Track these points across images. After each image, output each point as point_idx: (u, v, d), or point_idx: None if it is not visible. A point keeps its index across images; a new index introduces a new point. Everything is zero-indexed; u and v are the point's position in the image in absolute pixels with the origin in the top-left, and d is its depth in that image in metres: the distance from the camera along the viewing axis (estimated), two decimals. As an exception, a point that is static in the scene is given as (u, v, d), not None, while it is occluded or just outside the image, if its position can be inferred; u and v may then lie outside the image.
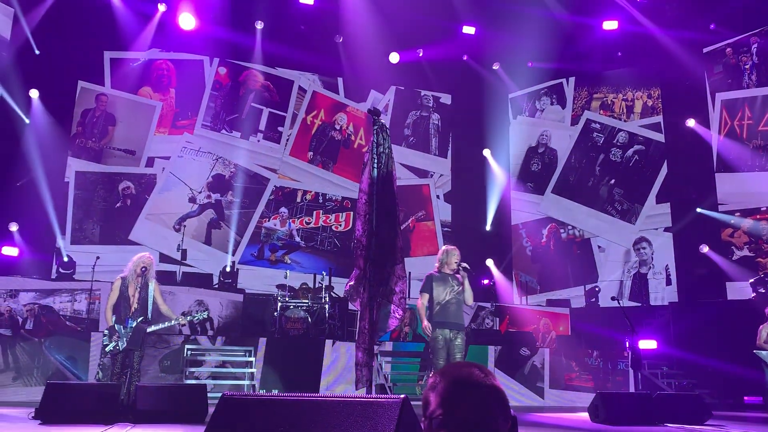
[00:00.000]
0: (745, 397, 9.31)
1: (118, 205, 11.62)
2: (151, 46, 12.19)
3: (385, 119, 13.44)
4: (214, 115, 12.42)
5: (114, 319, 6.54)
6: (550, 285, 12.43)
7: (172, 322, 6.72)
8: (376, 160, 3.73)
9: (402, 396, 2.48)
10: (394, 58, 12.72)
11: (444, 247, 6.78)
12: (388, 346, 10.70)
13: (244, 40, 12.23)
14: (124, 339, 6.47)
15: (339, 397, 2.57)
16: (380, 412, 2.41)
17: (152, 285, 6.69)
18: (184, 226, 11.41)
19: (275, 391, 8.87)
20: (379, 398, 2.50)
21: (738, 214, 10.91)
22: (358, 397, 2.56)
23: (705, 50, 11.67)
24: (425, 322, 6.45)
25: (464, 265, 6.38)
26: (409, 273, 12.42)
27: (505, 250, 13.09)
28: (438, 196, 13.59)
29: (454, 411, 1.35)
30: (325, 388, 9.21)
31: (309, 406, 2.53)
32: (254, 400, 2.65)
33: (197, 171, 12.12)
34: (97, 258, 9.62)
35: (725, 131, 11.31)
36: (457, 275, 6.47)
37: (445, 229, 13.42)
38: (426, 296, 6.53)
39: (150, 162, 11.95)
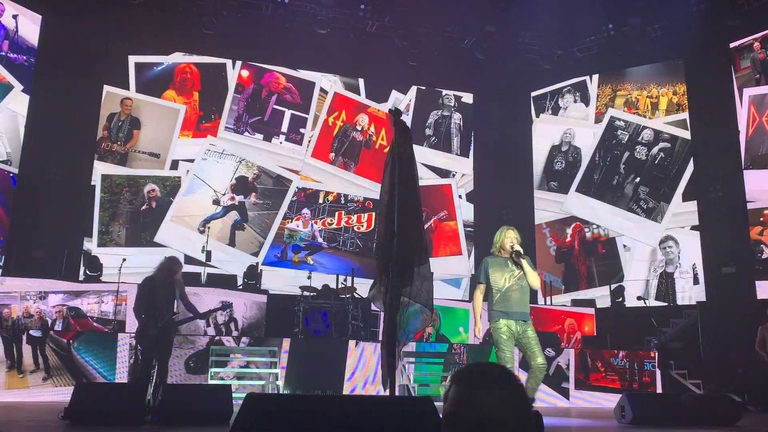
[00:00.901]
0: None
1: (143, 207, 11.78)
2: (174, 49, 12.36)
3: (407, 119, 13.44)
4: (237, 118, 12.54)
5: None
6: (575, 285, 12.31)
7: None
8: (398, 161, 3.72)
9: (425, 396, 2.48)
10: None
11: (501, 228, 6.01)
12: (411, 347, 10.69)
13: (266, 42, 12.32)
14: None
15: (362, 397, 2.57)
16: (403, 412, 2.41)
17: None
18: (209, 227, 11.53)
19: (299, 392, 8.91)
20: (402, 398, 2.50)
21: (767, 211, 10.70)
22: (382, 398, 2.56)
23: (732, 45, 11.46)
24: (478, 324, 5.84)
25: (516, 248, 5.73)
26: (432, 274, 12.48)
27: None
28: (460, 196, 13.55)
29: (460, 410, 1.37)
30: (349, 389, 9.23)
31: (333, 405, 2.54)
32: (279, 399, 2.66)
33: (221, 173, 12.24)
34: (124, 260, 9.75)
35: (754, 127, 11.10)
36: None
37: (468, 229, 13.37)
38: (482, 287, 5.84)
39: (174, 165, 12.10)
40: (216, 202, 12.07)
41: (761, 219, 10.76)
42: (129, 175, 11.86)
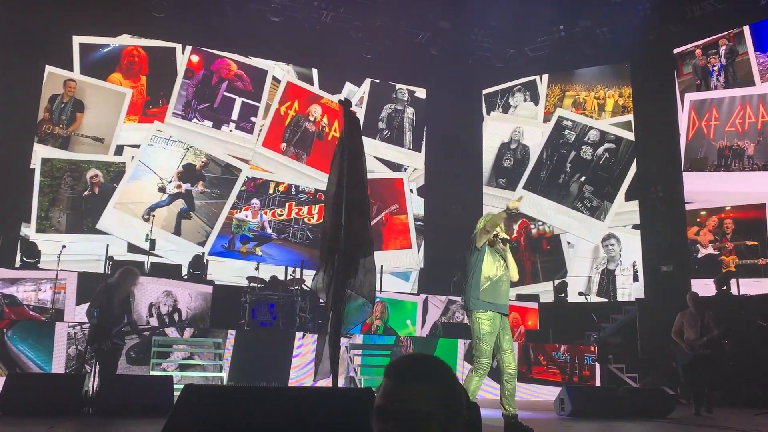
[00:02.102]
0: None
1: (85, 193, 11.41)
2: (122, 31, 11.98)
3: (360, 112, 13.41)
4: (186, 104, 12.26)
5: None
6: (520, 280, 12.50)
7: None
8: (346, 153, 3.71)
9: (366, 388, 2.48)
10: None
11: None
12: (358, 339, 10.71)
13: (217, 27, 12.06)
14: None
15: (302, 389, 2.56)
16: (345, 403, 2.41)
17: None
18: (153, 215, 11.25)
19: (243, 384, 8.82)
20: (344, 390, 2.49)
21: (704, 212, 11.14)
22: (322, 389, 2.55)
23: (675, 51, 11.86)
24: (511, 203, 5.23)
25: (503, 235, 5.43)
26: (381, 266, 12.50)
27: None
28: (411, 190, 13.62)
29: (388, 403, 1.36)
30: (294, 381, 9.20)
31: (271, 397, 2.52)
32: (218, 390, 2.62)
33: (167, 160, 11.95)
34: (63, 247, 9.45)
35: (693, 131, 11.52)
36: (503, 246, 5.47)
37: (418, 223, 13.46)
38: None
39: (119, 150, 11.76)
40: (162, 189, 11.79)
41: (698, 219, 11.20)
42: (71, 159, 11.46)
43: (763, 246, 10.36)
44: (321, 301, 9.59)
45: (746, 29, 11.05)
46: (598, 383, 10.17)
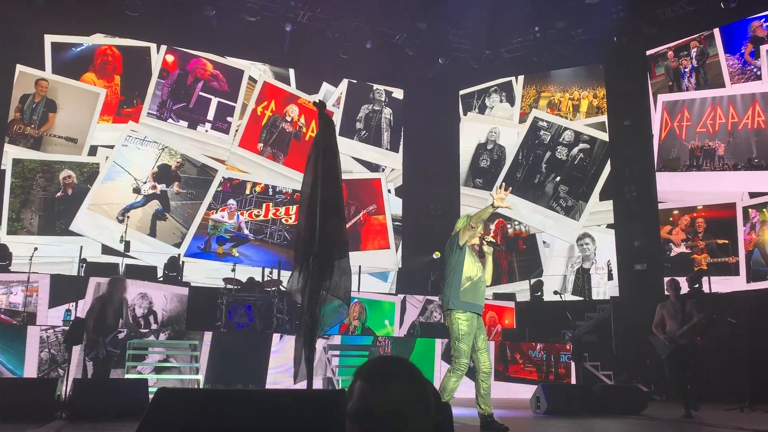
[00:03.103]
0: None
1: (58, 194, 11.24)
2: (95, 30, 11.82)
3: (337, 112, 13.40)
4: (161, 104, 12.13)
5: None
6: (496, 279, 12.63)
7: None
8: (321, 154, 3.71)
9: (341, 389, 2.49)
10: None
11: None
12: (336, 340, 10.70)
13: (192, 27, 11.96)
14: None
15: (277, 390, 2.55)
16: (318, 404, 2.41)
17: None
18: (128, 217, 11.12)
19: (220, 386, 8.76)
20: (318, 391, 2.50)
21: (676, 212, 11.32)
22: (296, 390, 2.55)
23: (648, 53, 12.04)
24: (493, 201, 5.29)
25: (489, 238, 5.49)
26: (359, 267, 12.50)
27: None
28: (389, 191, 13.64)
29: (366, 405, 1.36)
30: (272, 382, 9.15)
31: (245, 399, 2.51)
32: (191, 393, 2.61)
33: (142, 161, 11.82)
34: (35, 249, 9.29)
35: (666, 132, 11.70)
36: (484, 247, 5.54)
37: (396, 223, 13.48)
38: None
39: (93, 150, 11.59)
40: (137, 190, 11.65)
41: (670, 219, 11.38)
42: (43, 160, 11.28)
43: (734, 244, 10.56)
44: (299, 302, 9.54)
45: (716, 32, 11.26)
46: (573, 381, 10.28)
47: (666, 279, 8.22)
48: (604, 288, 11.74)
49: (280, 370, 9.27)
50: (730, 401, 8.01)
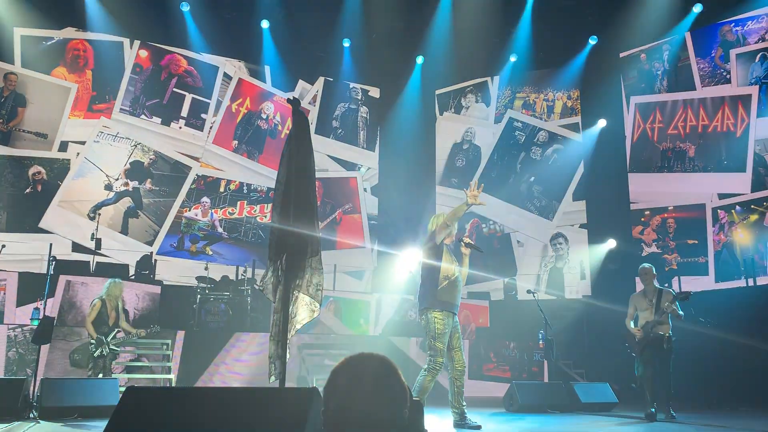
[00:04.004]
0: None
1: (27, 191, 11.01)
2: (66, 24, 11.61)
3: (314, 110, 13.35)
4: (134, 100, 11.96)
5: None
6: (471, 278, 12.62)
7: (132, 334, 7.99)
8: (294, 151, 3.69)
9: (311, 386, 2.48)
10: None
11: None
12: (311, 339, 10.67)
13: (166, 23, 11.82)
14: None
15: (246, 388, 2.53)
16: (289, 402, 2.40)
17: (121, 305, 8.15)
18: (99, 214, 10.94)
19: (194, 386, 8.69)
20: (288, 389, 2.48)
21: (648, 212, 11.50)
22: (266, 388, 2.54)
23: (621, 55, 12.20)
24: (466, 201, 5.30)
25: (467, 240, 5.61)
26: (335, 265, 12.48)
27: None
28: (365, 189, 13.63)
29: (338, 403, 1.36)
30: (247, 381, 9.10)
31: (216, 397, 2.48)
32: (160, 392, 2.58)
33: (114, 157, 11.64)
34: (3, 246, 9.10)
35: (638, 133, 11.88)
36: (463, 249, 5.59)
37: (372, 222, 13.48)
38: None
39: (63, 146, 11.38)
40: (108, 187, 11.47)
41: (642, 219, 11.56)
42: (12, 155, 11.04)
43: (703, 245, 10.76)
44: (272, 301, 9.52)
45: (687, 36, 11.46)
46: (546, 379, 10.39)
47: (641, 266, 7.40)
48: (577, 287, 11.88)
49: (255, 368, 9.22)
50: (698, 401, 8.18)
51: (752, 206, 10.37)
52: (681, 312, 6.94)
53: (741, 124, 10.75)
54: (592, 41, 12.11)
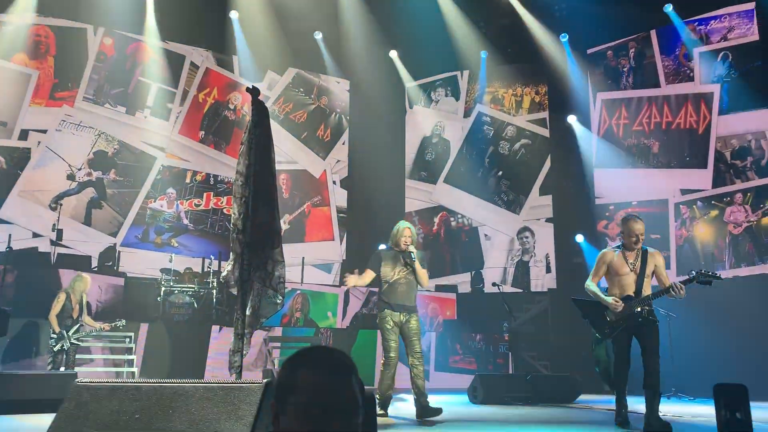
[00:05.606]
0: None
1: (-15, 180, 10.72)
2: (28, 10, 11.28)
3: (283, 102, 13.23)
4: (98, 88, 11.69)
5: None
6: (439, 271, 12.77)
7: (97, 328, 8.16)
8: (254, 142, 3.64)
9: (264, 380, 2.46)
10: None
11: (399, 223, 6.22)
12: (278, 331, 10.62)
13: (132, 10, 11.57)
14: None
15: (199, 383, 2.50)
16: (242, 396, 2.38)
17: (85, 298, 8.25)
18: (61, 204, 10.68)
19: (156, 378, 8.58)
20: (241, 383, 2.46)
21: (612, 207, 11.68)
22: (219, 383, 2.51)
23: (589, 51, 12.34)
24: (355, 280, 6.04)
25: (410, 249, 5.97)
26: (303, 258, 12.42)
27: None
28: (335, 182, 13.56)
29: (288, 397, 1.34)
30: (211, 374, 9.02)
31: (167, 392, 2.45)
32: (109, 387, 2.53)
33: (77, 146, 11.37)
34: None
35: (604, 129, 12.04)
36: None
37: (341, 215, 13.43)
38: (369, 273, 6.10)
39: (24, 135, 11.08)
40: (71, 177, 11.22)
41: (606, 214, 11.74)
42: (-31, 143, 10.73)
43: (665, 239, 10.97)
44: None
45: (653, 33, 11.64)
46: (510, 371, 10.51)
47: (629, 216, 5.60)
48: (542, 280, 12.02)
49: (220, 362, 9.15)
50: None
51: (713, 202, 10.61)
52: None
53: (703, 122, 10.97)
54: (563, 39, 12.21)
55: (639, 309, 5.15)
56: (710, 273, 5.08)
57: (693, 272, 5.14)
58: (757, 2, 10.31)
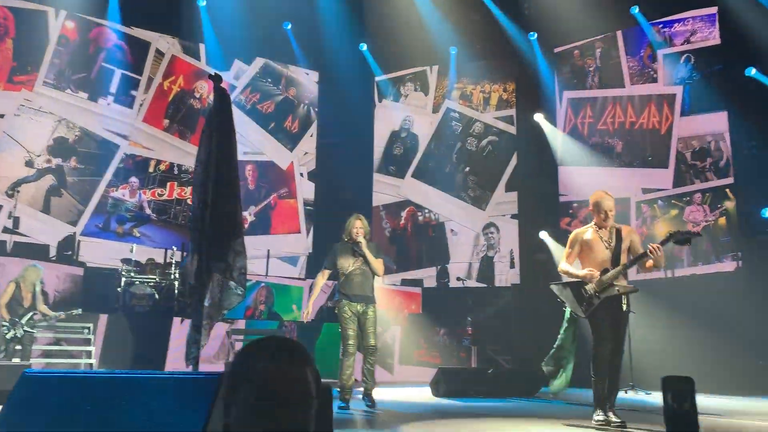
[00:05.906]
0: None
1: (-62, 165, 10.36)
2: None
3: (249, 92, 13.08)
4: (59, 73, 11.38)
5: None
6: (405, 265, 12.81)
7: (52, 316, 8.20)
8: (215, 130, 3.58)
9: (219, 371, 2.42)
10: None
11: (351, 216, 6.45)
12: (241, 324, 10.53)
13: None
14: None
15: (152, 374, 2.46)
16: (196, 388, 2.34)
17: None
18: (18, 191, 10.38)
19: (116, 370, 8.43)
20: (195, 374, 2.42)
21: (575, 204, 11.85)
22: (172, 374, 2.47)
23: (556, 50, 12.48)
24: (309, 307, 6.41)
25: (359, 239, 6.19)
26: (268, 251, 12.32)
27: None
28: (302, 174, 13.48)
29: (239, 387, 1.31)
30: (172, 366, 8.89)
31: (119, 383, 2.40)
32: (58, 377, 2.46)
33: (36, 132, 11.05)
34: None
35: (569, 128, 12.20)
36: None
37: (308, 207, 13.35)
38: (324, 272, 6.41)
39: (-20, 119, 10.75)
40: (29, 163, 10.91)
41: (570, 211, 11.90)
42: None
43: (626, 237, 11.15)
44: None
45: (619, 34, 11.81)
46: (473, 365, 10.61)
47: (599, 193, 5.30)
48: (507, 276, 12.15)
49: (181, 354, 9.02)
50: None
51: (673, 201, 10.84)
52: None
53: (665, 122, 11.18)
54: (532, 37, 12.31)
55: (618, 289, 4.93)
56: (686, 231, 4.95)
57: (669, 233, 4.91)
58: (720, 7, 10.53)
